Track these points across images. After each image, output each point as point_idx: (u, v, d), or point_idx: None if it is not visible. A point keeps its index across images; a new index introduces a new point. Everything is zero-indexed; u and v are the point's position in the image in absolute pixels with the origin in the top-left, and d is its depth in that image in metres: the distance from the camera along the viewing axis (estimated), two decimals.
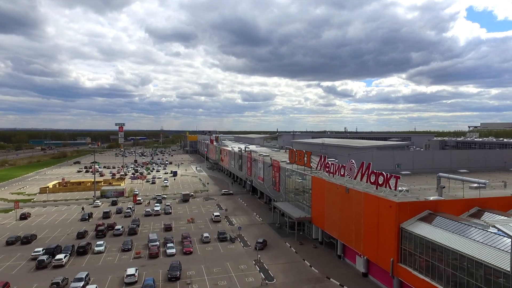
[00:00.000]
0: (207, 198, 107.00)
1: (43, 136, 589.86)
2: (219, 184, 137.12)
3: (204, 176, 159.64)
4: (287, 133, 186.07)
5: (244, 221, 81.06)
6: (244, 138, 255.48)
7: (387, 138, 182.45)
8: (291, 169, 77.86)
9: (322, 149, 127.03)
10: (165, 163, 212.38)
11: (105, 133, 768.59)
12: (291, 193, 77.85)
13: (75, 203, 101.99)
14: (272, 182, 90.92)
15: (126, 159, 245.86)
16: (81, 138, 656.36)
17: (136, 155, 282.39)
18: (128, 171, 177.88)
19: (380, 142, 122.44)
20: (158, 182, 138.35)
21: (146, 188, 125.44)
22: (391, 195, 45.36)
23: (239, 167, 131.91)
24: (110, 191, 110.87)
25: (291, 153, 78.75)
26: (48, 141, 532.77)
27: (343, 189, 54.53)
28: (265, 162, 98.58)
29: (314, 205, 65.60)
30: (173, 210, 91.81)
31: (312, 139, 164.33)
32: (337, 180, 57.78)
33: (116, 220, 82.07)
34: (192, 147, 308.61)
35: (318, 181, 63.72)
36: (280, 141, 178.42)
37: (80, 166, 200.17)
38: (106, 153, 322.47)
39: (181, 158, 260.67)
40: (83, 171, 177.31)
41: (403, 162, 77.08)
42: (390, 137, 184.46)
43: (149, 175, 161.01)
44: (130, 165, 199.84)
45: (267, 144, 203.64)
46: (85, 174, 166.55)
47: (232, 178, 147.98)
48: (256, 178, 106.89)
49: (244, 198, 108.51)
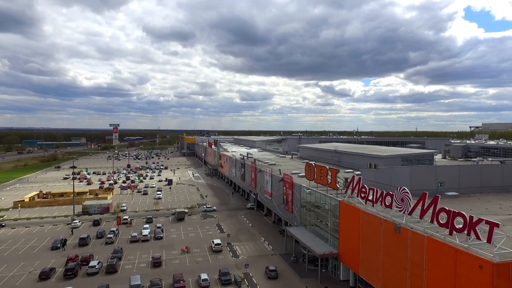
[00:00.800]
0: (205, 215, 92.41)
1: (36, 136, 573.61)
2: (219, 194, 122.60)
3: (202, 184, 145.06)
4: (292, 137, 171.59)
5: (250, 250, 66.61)
6: (244, 141, 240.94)
7: (403, 143, 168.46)
8: (308, 187, 63.51)
9: (335, 156, 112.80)
10: (160, 168, 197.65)
11: (101, 133, 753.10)
12: (309, 216, 63.56)
13: (51, 222, 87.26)
14: (283, 200, 76.53)
15: (119, 163, 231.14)
16: (76, 139, 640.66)
17: (130, 158, 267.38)
18: (119, 177, 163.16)
19: (402, 149, 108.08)
20: (150, 193, 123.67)
21: (136, 201, 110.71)
22: (477, 245, 30.98)
23: (241, 176, 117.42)
24: (93, 206, 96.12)
25: (308, 168, 64.31)
26: (41, 142, 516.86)
27: (390, 226, 40.27)
28: (273, 175, 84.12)
29: (343, 238, 51.32)
30: (165, 233, 77.26)
31: (320, 143, 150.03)
32: (379, 211, 43.52)
33: (95, 248, 67.49)
34: (190, 149, 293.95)
35: (349, 208, 49.43)
36: (285, 145, 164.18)
37: (67, 171, 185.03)
38: (99, 155, 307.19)
39: (177, 161, 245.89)
40: (70, 177, 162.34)
41: (447, 179, 63.03)
42: (405, 141, 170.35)
43: (142, 183, 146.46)
44: (122, 171, 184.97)
45: (269, 147, 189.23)
46: (71, 183, 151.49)
47: (233, 187, 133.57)
48: (262, 192, 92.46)
49: (248, 215, 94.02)
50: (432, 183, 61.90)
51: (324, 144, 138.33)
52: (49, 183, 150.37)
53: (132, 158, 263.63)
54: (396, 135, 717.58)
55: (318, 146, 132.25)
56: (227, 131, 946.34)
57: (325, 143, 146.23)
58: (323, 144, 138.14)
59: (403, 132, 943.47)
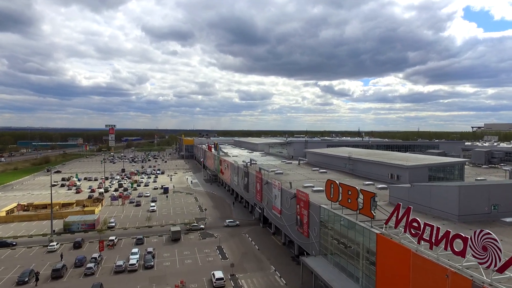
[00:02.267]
0: (204, 235, 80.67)
1: (31, 137, 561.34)
2: (219, 206, 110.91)
3: (201, 192, 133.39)
4: (298, 141, 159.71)
5: (259, 285, 55.00)
6: (246, 143, 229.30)
7: (417, 147, 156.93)
8: (331, 210, 51.94)
9: (348, 164, 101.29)
10: (156, 173, 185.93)
11: (98, 133, 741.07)
12: (331, 245, 52.00)
13: (25, 243, 75.46)
14: (296, 221, 64.92)
15: (114, 166, 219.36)
16: (73, 139, 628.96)
17: (126, 160, 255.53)
18: (111, 184, 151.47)
19: (427, 158, 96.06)
20: (144, 204, 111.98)
21: (128, 214, 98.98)
22: None
23: (244, 186, 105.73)
24: (76, 223, 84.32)
25: (330, 187, 52.64)
26: (36, 143, 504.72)
27: (461, 282, 28.70)
28: (283, 190, 72.44)
29: (383, 282, 39.73)
30: (157, 258, 65.59)
31: (329, 149, 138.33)
32: (440, 256, 31.97)
33: (71, 282, 55.84)
34: (188, 151, 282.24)
35: (393, 246, 37.85)
36: (290, 149, 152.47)
37: (56, 176, 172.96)
38: (94, 157, 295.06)
39: (175, 165, 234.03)
40: (58, 184, 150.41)
41: (501, 200, 51.65)
42: (418, 145, 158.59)
43: (136, 191, 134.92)
44: (116, 176, 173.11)
45: (272, 150, 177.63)
46: (59, 190, 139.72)
47: (235, 197, 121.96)
48: (270, 207, 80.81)
49: (253, 233, 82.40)
50: (484, 206, 50.31)
51: (335, 149, 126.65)
52: (35, 190, 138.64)
53: (128, 161, 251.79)
54: (397, 136, 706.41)
55: (328, 151, 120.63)
56: (227, 131, 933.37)
57: (335, 148, 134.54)
58: (334, 149, 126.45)
59: (404, 132, 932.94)
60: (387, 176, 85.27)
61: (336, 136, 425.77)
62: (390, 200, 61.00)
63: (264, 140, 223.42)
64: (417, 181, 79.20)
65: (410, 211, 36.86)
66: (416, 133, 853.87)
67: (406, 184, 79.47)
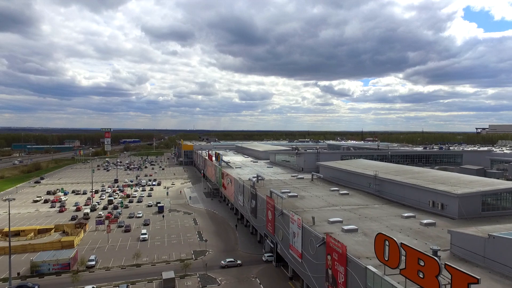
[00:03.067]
0: (205, 280, 64.90)
1: (25, 139, 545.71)
2: (222, 231, 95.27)
3: (201, 212, 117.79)
4: (308, 152, 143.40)
5: None
6: (249, 150, 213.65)
7: (437, 158, 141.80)
8: (385, 279, 36.31)
9: (374, 184, 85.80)
10: (152, 184, 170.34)
11: (96, 134, 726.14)
12: None
13: None
14: (327, 277, 49.24)
15: (107, 174, 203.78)
16: (69, 141, 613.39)
17: (121, 167, 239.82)
18: (101, 199, 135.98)
19: (475, 180, 79.93)
20: (134, 228, 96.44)
21: (113, 245, 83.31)
22: None
23: (251, 209, 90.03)
24: (47, 262, 68.62)
25: (382, 244, 36.99)
26: (31, 146, 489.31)
27: None
28: (305, 229, 56.64)
29: None
30: None
31: (346, 162, 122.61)
32: None
33: None
34: (188, 157, 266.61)
35: None
36: (300, 161, 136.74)
37: (42, 188, 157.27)
38: (88, 164, 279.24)
39: (173, 173, 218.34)
40: (41, 200, 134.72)
41: None
42: (439, 154, 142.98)
43: (127, 208, 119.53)
44: (107, 189, 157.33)
45: (279, 158, 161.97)
46: (41, 208, 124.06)
47: (239, 218, 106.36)
48: (286, 244, 65.13)
49: (265, 276, 66.75)
50: None
51: (353, 164, 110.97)
52: (14, 208, 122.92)
53: (123, 169, 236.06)
54: (401, 138, 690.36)
55: (347, 167, 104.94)
56: (227, 132, 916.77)
57: (352, 161, 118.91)
58: (352, 164, 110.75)
59: (408, 133, 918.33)
60: (426, 203, 69.80)
61: (341, 140, 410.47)
62: (453, 251, 45.56)
63: (269, 147, 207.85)
64: (469, 212, 63.65)
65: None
66: (420, 134, 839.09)
67: (454, 215, 64.17)
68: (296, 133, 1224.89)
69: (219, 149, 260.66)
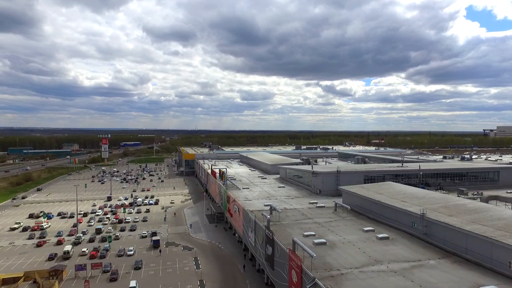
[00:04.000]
0: None
1: (21, 142, 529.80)
2: (229, 279, 77.69)
3: (203, 245, 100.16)
4: (327, 172, 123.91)
5: None
6: (255, 161, 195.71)
7: (474, 175, 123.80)
8: None
9: (421, 225, 67.97)
10: (149, 202, 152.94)
11: (96, 138, 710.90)
12: None
13: None
14: None
15: (102, 189, 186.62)
16: (68, 145, 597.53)
17: (117, 179, 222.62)
18: (89, 225, 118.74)
19: None
20: (122, 274, 78.97)
21: None
22: None
23: (266, 257, 72.02)
24: None
25: None
26: (28, 151, 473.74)
27: None
28: None
29: None
30: None
31: (371, 186, 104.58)
32: None
33: None
34: (189, 166, 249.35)
35: None
36: (317, 182, 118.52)
37: (24, 210, 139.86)
38: (83, 174, 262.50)
39: (173, 186, 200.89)
40: (20, 227, 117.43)
41: None
42: (472, 172, 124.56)
43: (117, 240, 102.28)
44: (98, 210, 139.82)
45: (290, 174, 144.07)
46: (17, 239, 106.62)
47: (251, 259, 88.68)
48: None
49: None
50: None
51: (384, 190, 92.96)
52: None
53: (119, 181, 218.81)
54: (408, 141, 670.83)
55: (377, 195, 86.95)
56: (229, 133, 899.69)
57: (381, 186, 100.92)
58: (383, 190, 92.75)
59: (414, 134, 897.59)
60: (504, 263, 52.09)
61: (350, 145, 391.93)
62: None
63: (277, 158, 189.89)
64: None
65: None
66: (426, 135, 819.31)
67: None
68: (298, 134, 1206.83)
69: (222, 159, 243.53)
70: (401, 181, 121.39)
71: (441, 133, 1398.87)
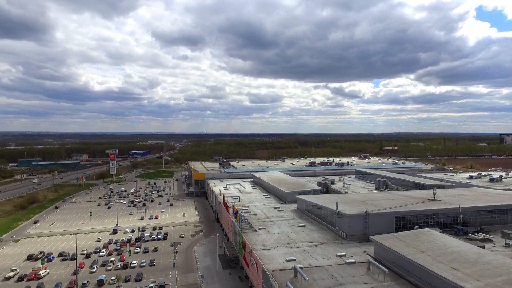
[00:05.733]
0: None
1: (30, 154, 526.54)
2: None
3: None
4: (353, 215, 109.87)
5: None
6: (268, 185, 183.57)
7: None
8: None
9: None
10: (158, 238, 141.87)
11: (105, 146, 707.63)
12: None
13: None
14: None
15: (107, 215, 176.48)
16: (77, 155, 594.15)
17: (124, 201, 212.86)
18: (91, 272, 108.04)
19: None
20: None
21: None
22: None
23: None
24: None
25: None
26: (36, 162, 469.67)
27: None
28: None
29: None
30: None
31: (409, 239, 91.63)
32: None
33: None
34: (199, 186, 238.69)
35: None
36: (343, 225, 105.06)
37: (24, 249, 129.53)
38: (90, 194, 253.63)
39: (183, 212, 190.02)
40: (16, 274, 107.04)
41: None
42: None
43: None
44: (102, 250, 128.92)
45: (309, 205, 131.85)
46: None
47: None
48: None
49: None
50: None
51: (427, 247, 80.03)
52: None
53: (127, 204, 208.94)
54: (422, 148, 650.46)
55: (423, 257, 74.02)
56: (238, 139, 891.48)
57: (421, 233, 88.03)
58: (427, 248, 79.80)
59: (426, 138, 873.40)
60: None
61: (365, 157, 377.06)
62: None
63: (292, 184, 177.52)
64: None
65: None
66: (442, 141, 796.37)
67: None
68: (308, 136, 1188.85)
69: (234, 178, 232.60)
70: (437, 223, 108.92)
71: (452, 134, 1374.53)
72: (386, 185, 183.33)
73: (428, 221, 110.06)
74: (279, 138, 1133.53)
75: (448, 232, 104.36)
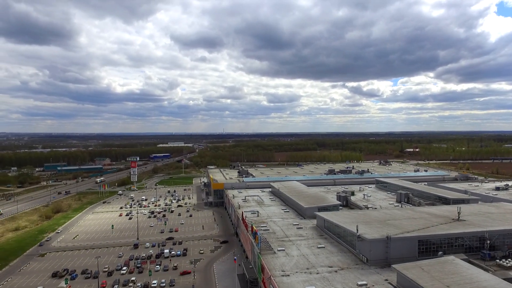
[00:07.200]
0: None
1: (56, 158, 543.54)
2: None
3: None
4: (374, 239, 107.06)
5: None
6: (286, 197, 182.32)
7: None
8: None
9: None
10: (177, 255, 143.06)
11: (126, 150, 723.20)
12: None
13: None
14: None
15: (129, 227, 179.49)
16: (99, 159, 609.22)
17: (145, 211, 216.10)
18: None
19: None
20: None
21: None
22: None
23: None
24: None
25: None
26: (62, 167, 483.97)
27: None
28: None
29: None
30: None
31: (429, 264, 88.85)
32: None
33: None
34: (218, 196, 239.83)
35: None
36: (364, 249, 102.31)
37: (50, 260, 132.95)
38: (112, 203, 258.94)
39: (201, 225, 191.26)
40: None
41: None
42: None
43: None
44: (123, 267, 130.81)
45: (329, 223, 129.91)
46: None
47: None
48: None
49: None
50: None
51: (451, 271, 77.32)
52: None
53: (147, 215, 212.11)
54: (444, 151, 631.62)
55: None
56: (256, 140, 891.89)
57: (445, 263, 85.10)
58: (449, 273, 77.10)
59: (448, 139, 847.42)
60: None
61: (385, 163, 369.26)
62: None
63: (312, 198, 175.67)
64: None
65: None
66: (465, 142, 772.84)
67: None
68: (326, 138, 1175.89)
69: (252, 187, 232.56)
70: (462, 246, 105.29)
71: (476, 133, 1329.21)
72: (408, 198, 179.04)
73: (453, 244, 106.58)
74: (297, 139, 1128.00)
75: (473, 257, 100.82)
